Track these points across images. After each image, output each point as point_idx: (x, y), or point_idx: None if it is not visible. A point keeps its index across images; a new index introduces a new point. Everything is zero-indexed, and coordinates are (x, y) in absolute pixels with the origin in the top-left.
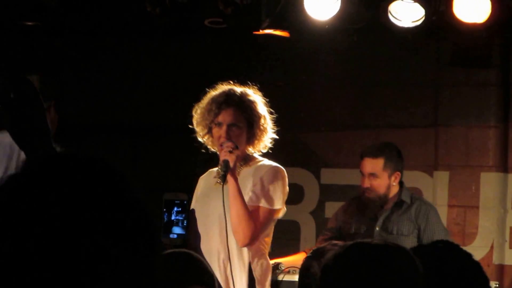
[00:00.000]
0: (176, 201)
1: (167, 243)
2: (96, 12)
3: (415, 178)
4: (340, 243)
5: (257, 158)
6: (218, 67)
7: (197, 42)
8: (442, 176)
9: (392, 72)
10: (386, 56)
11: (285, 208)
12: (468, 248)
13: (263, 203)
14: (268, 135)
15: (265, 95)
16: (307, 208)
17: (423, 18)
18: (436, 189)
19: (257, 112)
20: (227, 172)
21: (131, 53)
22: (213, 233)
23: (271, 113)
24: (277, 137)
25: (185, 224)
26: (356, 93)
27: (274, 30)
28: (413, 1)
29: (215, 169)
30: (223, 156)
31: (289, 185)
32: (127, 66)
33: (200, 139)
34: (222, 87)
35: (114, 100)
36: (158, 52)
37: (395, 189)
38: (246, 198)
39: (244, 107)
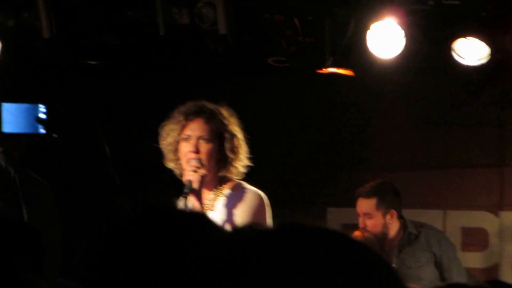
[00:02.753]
0: None
1: None
2: (158, 51)
3: (481, 218)
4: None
5: (233, 182)
6: (282, 106)
7: (260, 81)
8: (508, 216)
9: (456, 111)
10: (450, 95)
11: None
12: None
13: None
14: (242, 161)
15: (329, 134)
16: None
17: (488, 56)
18: (502, 229)
19: (230, 130)
20: (188, 194)
21: (193, 92)
22: None
23: (247, 138)
24: (251, 164)
25: None
26: (420, 133)
27: (338, 69)
28: (477, 39)
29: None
30: (186, 176)
31: (349, 225)
32: None
33: (167, 165)
34: (189, 102)
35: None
36: (220, 91)
37: (395, 226)
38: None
39: (215, 120)
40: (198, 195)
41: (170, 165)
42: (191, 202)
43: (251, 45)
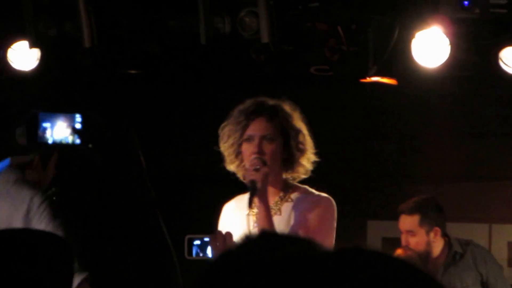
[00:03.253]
0: None
1: None
2: (199, 60)
3: None
4: None
5: (299, 187)
6: (324, 115)
7: (303, 90)
8: None
9: (503, 121)
10: (496, 105)
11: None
12: None
13: None
14: (309, 157)
15: (371, 144)
16: None
17: None
18: None
19: (294, 126)
20: (253, 195)
21: (234, 101)
22: None
23: (313, 133)
24: (318, 159)
25: None
26: (465, 144)
27: (382, 78)
28: None
29: (243, 196)
30: (248, 176)
31: (390, 239)
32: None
33: (229, 167)
34: (250, 99)
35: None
36: None
37: (439, 244)
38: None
39: (278, 116)
40: (263, 196)
41: (231, 167)
42: (256, 205)
43: (293, 54)
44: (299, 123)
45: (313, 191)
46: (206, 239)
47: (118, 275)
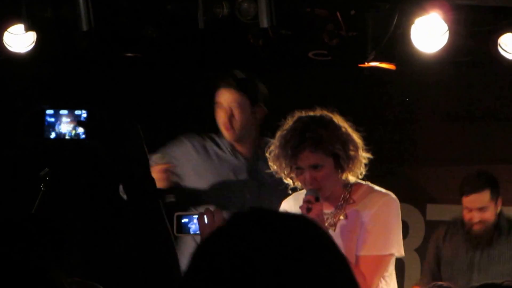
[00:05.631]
0: None
1: None
2: (197, 44)
3: None
4: (446, 283)
5: (362, 186)
6: (323, 100)
7: (301, 74)
8: None
9: (501, 106)
10: (495, 90)
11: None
12: None
13: (375, 251)
14: (362, 159)
15: (369, 129)
16: (412, 245)
17: None
18: None
19: (340, 142)
20: None
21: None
22: None
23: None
24: (371, 156)
25: None
26: (464, 128)
27: (380, 63)
28: None
29: (301, 193)
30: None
31: None
32: None
33: (284, 179)
34: (293, 124)
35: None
36: None
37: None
38: (357, 243)
39: (322, 143)
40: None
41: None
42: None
43: (292, 38)
44: (345, 133)
45: (375, 187)
46: (195, 216)
47: (118, 265)
